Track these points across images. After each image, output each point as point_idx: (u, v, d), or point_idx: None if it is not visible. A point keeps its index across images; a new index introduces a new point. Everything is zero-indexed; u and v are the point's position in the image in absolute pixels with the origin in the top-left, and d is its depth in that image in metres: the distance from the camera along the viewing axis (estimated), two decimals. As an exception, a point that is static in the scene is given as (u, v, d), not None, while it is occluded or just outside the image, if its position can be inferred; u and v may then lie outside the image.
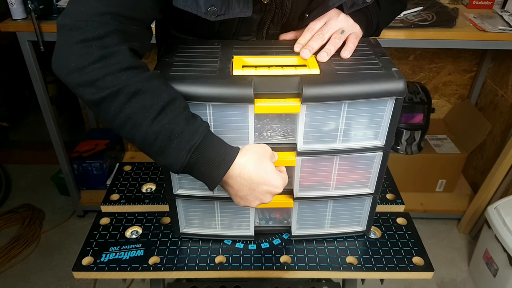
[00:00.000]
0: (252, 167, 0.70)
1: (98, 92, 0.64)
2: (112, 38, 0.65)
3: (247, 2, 0.75)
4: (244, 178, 0.70)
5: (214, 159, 0.68)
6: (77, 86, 0.65)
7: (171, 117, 0.65)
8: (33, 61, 1.65)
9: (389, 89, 0.71)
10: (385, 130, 0.77)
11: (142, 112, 0.64)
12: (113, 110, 0.65)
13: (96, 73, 0.63)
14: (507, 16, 1.70)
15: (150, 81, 0.66)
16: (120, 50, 0.65)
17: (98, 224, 0.96)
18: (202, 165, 0.68)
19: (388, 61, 0.77)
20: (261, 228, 0.94)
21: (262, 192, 0.71)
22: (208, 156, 0.67)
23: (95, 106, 0.65)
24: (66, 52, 0.64)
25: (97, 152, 2.11)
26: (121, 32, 0.66)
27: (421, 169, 2.06)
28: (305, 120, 0.74)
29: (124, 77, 0.64)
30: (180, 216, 0.89)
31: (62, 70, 0.65)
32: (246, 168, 0.69)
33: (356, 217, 0.92)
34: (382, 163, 0.81)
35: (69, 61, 0.64)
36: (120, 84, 0.64)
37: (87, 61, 0.63)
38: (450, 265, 1.93)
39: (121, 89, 0.64)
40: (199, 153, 0.67)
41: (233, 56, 0.78)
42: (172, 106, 0.66)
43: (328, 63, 0.76)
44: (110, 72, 0.63)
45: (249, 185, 0.70)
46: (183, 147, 0.66)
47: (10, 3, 1.56)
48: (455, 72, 2.19)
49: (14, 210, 2.16)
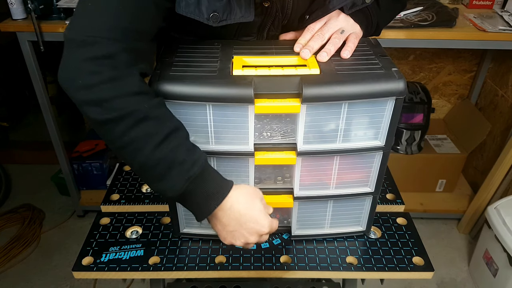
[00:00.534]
0: (243, 203, 0.72)
1: (104, 113, 0.64)
2: (121, 58, 0.65)
3: (249, 7, 0.75)
4: (234, 212, 0.71)
5: (209, 190, 0.70)
6: (83, 103, 0.64)
7: (174, 145, 0.67)
8: (33, 61, 1.65)
9: (389, 89, 0.71)
10: (385, 130, 0.77)
11: (146, 138, 0.65)
12: (116, 132, 0.65)
13: (104, 93, 0.63)
14: (507, 16, 1.70)
15: (157, 109, 0.67)
16: (131, 73, 0.65)
17: (98, 224, 0.96)
18: (197, 195, 0.70)
19: (388, 61, 0.77)
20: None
21: (248, 229, 0.73)
22: (205, 187, 0.70)
23: (99, 125, 0.65)
24: (74, 68, 0.64)
25: (97, 152, 2.11)
26: (130, 51, 0.66)
27: (421, 169, 2.06)
28: (305, 120, 0.74)
29: (132, 102, 0.64)
30: (180, 216, 0.89)
31: (69, 85, 0.65)
32: (237, 203, 0.71)
33: (356, 217, 0.92)
34: (382, 163, 0.81)
35: (77, 77, 0.63)
36: (128, 108, 0.64)
37: (96, 80, 0.63)
38: (450, 265, 1.93)
39: (129, 113, 0.64)
40: (197, 183, 0.69)
41: (233, 56, 0.78)
42: (175, 134, 0.67)
43: (328, 63, 0.76)
44: (119, 95, 0.64)
45: (237, 220, 0.72)
46: (183, 176, 0.67)
47: (10, 3, 1.56)
48: (455, 72, 2.19)
49: (14, 210, 2.16)
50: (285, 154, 0.79)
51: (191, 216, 0.89)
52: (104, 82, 0.63)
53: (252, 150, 0.77)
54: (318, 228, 0.92)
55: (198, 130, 0.75)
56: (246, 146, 0.77)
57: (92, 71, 0.63)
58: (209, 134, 0.76)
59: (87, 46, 0.63)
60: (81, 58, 0.63)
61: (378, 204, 0.98)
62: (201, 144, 0.77)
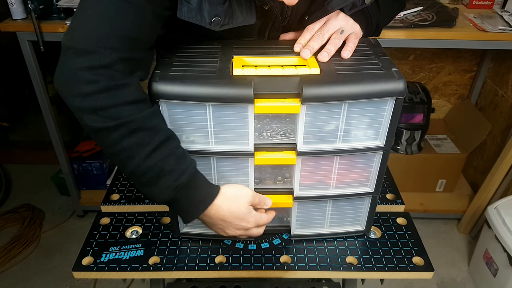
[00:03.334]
0: (227, 208, 0.76)
1: (99, 121, 0.65)
2: (118, 67, 0.65)
3: (250, 10, 0.76)
4: (218, 215, 0.76)
5: (195, 199, 0.74)
6: (78, 110, 0.66)
7: (164, 155, 0.69)
8: (33, 61, 1.65)
9: (389, 89, 0.71)
10: (385, 130, 0.77)
11: (138, 148, 0.67)
12: (110, 140, 0.67)
13: (100, 102, 0.64)
14: (507, 16, 1.70)
15: (151, 119, 0.68)
16: (127, 83, 0.67)
17: (98, 224, 0.96)
18: (183, 202, 0.73)
19: (388, 61, 0.76)
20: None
21: (234, 225, 0.78)
22: (190, 195, 0.73)
23: (93, 132, 0.67)
24: (71, 75, 0.64)
25: (97, 152, 2.11)
26: (128, 60, 0.67)
27: (421, 169, 2.06)
28: (305, 120, 0.74)
29: (127, 111, 0.66)
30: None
31: (65, 92, 0.66)
32: (221, 209, 0.75)
33: (356, 216, 0.92)
34: (382, 163, 0.81)
35: (74, 85, 0.64)
36: (123, 119, 0.65)
37: (92, 89, 0.64)
38: (450, 265, 1.93)
39: (123, 124, 0.65)
40: (183, 192, 0.72)
41: (233, 56, 0.77)
42: (166, 144, 0.69)
43: (328, 63, 0.76)
44: (115, 104, 0.65)
45: (223, 221, 0.77)
46: (170, 185, 0.70)
47: (10, 3, 1.56)
48: (455, 72, 2.19)
49: (14, 210, 2.16)
50: (285, 154, 0.79)
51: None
52: (100, 92, 0.64)
53: (252, 150, 0.77)
54: (317, 227, 0.92)
55: (197, 130, 0.75)
56: (246, 146, 0.77)
57: (89, 81, 0.64)
58: (208, 134, 0.76)
59: (84, 55, 0.64)
60: (79, 66, 0.64)
61: (378, 204, 0.98)
62: (200, 144, 0.77)
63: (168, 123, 0.74)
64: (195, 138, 0.76)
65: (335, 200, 0.88)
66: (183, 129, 0.75)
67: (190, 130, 0.75)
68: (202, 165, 0.77)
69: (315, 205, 0.88)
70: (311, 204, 0.88)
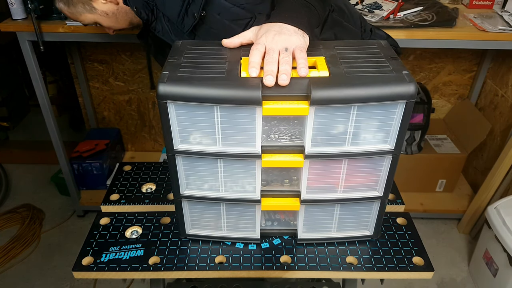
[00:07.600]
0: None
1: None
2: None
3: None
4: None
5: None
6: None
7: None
8: (33, 61, 1.65)
9: (399, 93, 0.70)
10: (395, 133, 0.75)
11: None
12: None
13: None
14: (507, 16, 1.70)
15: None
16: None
17: (98, 224, 0.96)
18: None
19: (399, 64, 0.75)
20: (266, 230, 0.93)
21: None
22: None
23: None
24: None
25: (97, 152, 2.11)
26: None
27: (421, 169, 2.07)
28: (314, 123, 0.73)
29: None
30: (186, 218, 0.89)
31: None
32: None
33: (364, 221, 0.90)
34: (391, 166, 0.80)
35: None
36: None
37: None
38: (450, 265, 1.93)
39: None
40: None
41: (241, 58, 0.77)
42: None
43: (337, 65, 0.75)
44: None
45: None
46: None
47: (10, 3, 1.56)
48: (455, 72, 2.19)
49: (14, 210, 2.16)
50: (292, 156, 0.78)
51: (197, 217, 0.90)
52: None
53: (259, 152, 0.76)
54: (325, 232, 0.91)
55: (205, 131, 0.75)
56: (253, 148, 0.76)
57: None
58: (216, 136, 0.75)
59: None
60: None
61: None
62: (208, 146, 0.76)
63: (176, 124, 0.73)
64: (203, 140, 0.76)
65: (343, 204, 0.86)
66: (190, 130, 0.75)
67: (198, 132, 0.75)
68: (209, 166, 0.77)
69: (323, 208, 0.87)
70: (319, 208, 0.87)
